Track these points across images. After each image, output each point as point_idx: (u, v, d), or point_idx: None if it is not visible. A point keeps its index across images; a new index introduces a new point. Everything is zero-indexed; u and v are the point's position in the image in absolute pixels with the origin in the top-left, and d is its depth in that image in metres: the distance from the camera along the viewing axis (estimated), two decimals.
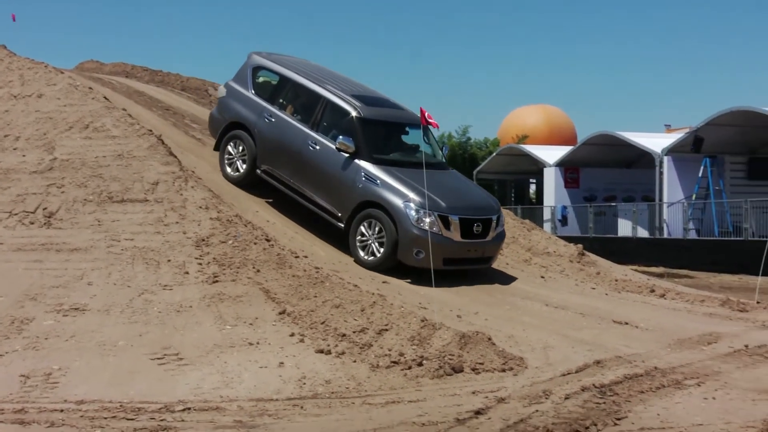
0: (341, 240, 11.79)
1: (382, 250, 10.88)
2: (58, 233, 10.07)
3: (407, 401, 6.59)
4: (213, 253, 9.84)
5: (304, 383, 6.96)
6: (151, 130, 13.05)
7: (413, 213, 10.63)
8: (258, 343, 7.76)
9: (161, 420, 5.93)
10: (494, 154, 41.31)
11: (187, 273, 9.34)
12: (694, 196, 27.50)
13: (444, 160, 12.68)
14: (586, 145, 34.02)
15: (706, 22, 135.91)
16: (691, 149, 26.91)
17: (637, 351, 8.37)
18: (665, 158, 28.26)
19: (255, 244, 10.15)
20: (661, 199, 28.72)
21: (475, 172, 39.77)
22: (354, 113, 11.57)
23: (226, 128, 12.95)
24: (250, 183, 12.77)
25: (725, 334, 9.35)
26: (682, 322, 10.10)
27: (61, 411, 6.05)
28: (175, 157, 12.36)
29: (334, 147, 11.43)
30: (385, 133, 12.08)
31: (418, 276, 10.71)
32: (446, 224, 10.75)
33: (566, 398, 6.59)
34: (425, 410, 6.31)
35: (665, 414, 6.24)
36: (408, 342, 7.82)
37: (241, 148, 12.72)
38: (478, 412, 6.23)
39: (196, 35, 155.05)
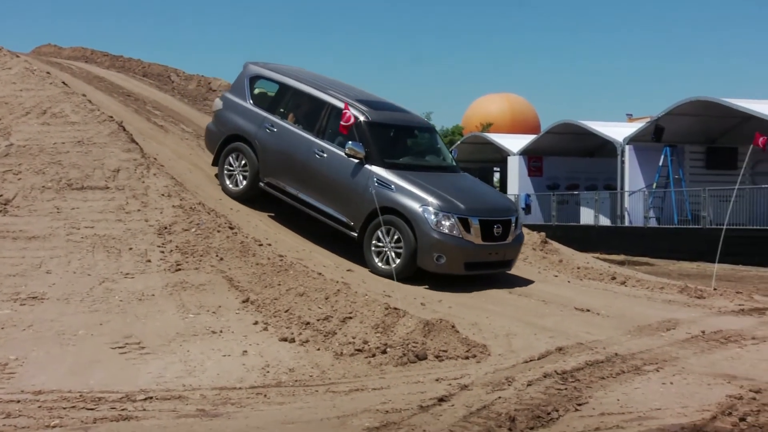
0: (307, 229, 11.76)
1: (400, 257, 10.39)
2: (15, 221, 9.89)
3: (371, 389, 6.60)
4: (176, 241, 9.75)
5: (268, 371, 6.94)
6: (111, 117, 12.86)
7: (432, 217, 10.18)
8: (221, 332, 7.71)
9: (122, 410, 5.87)
10: (458, 142, 41.45)
11: (149, 261, 9.23)
12: (654, 185, 27.87)
13: (455, 163, 12.30)
14: (550, 134, 34.28)
15: (667, 13, 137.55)
16: (652, 138, 27.24)
17: (598, 338, 8.48)
18: (627, 147, 28.59)
19: (218, 231, 10.07)
20: (622, 188, 29.07)
21: None
22: (362, 117, 11.07)
23: (225, 141, 12.36)
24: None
25: (683, 320, 9.51)
26: (642, 309, 10.25)
27: (18, 402, 5.95)
28: (137, 143, 12.20)
29: (342, 153, 10.94)
30: (394, 136, 11.69)
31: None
32: (466, 227, 10.31)
33: (529, 385, 6.66)
34: (389, 398, 6.33)
35: (625, 399, 6.33)
36: (372, 330, 7.83)
37: (242, 161, 12.15)
38: (441, 399, 6.26)
39: (159, 20, 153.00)
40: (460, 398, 6.32)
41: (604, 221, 29.80)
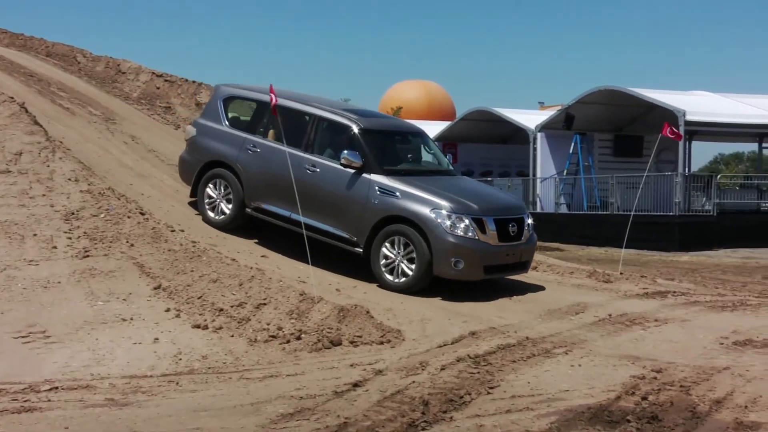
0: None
1: (413, 268, 9.70)
2: None
3: (285, 375, 6.58)
4: (83, 227, 9.45)
5: (180, 359, 6.82)
6: (12, 97, 12.35)
7: (445, 220, 9.54)
8: (132, 319, 7.53)
9: (25, 401, 5.67)
10: None
11: (55, 248, 8.93)
12: (565, 172, 28.54)
13: (451, 167, 11.83)
14: (464, 121, 34.68)
15: (580, 4, 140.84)
16: (563, 126, 27.87)
17: (510, 322, 8.66)
18: (539, 134, 29.17)
19: (129, 217, 9.82)
20: (534, 175, 29.66)
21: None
22: (354, 126, 10.44)
23: (203, 169, 11.43)
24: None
25: (591, 304, 9.81)
26: (553, 293, 10.52)
27: None
28: (41, 126, 11.76)
29: (336, 165, 10.28)
30: (388, 143, 11.12)
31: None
32: (481, 228, 9.68)
33: (442, 369, 6.75)
34: (303, 384, 6.32)
35: (535, 382, 6.49)
36: (286, 316, 7.79)
37: (223, 188, 11.24)
38: (355, 385, 6.28)
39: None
40: (375, 383, 6.35)
41: None
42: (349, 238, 10.20)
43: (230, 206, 11.16)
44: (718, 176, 27.51)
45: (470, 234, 9.60)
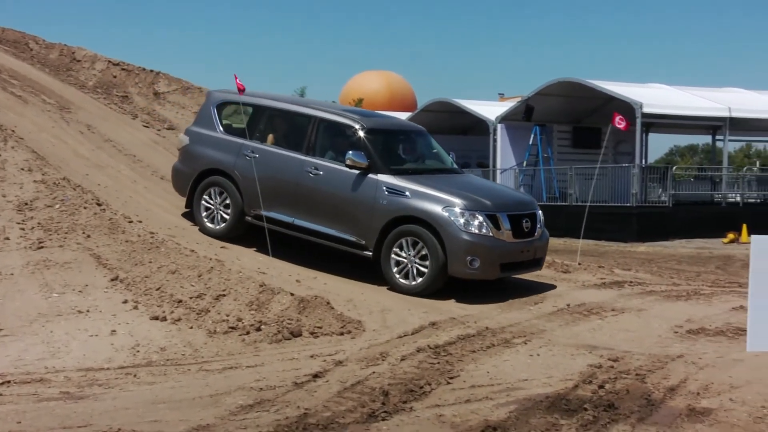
0: (180, 206, 11.44)
1: (426, 269, 9.36)
2: None
3: (245, 366, 6.54)
4: (37, 217, 9.28)
5: (138, 351, 6.75)
6: None
7: (459, 218, 9.23)
8: (88, 311, 7.43)
9: None
10: None
11: (7, 239, 8.76)
12: (524, 163, 28.74)
13: (455, 165, 11.49)
14: (425, 112, 34.69)
15: None
16: (523, 117, 28.04)
17: (470, 312, 8.71)
18: (499, 126, 29.32)
19: (85, 208, 9.67)
20: (494, 165, 29.81)
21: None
22: (357, 126, 10.16)
23: (198, 178, 10.97)
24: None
25: (550, 294, 9.91)
26: (512, 283, 10.59)
27: None
28: None
29: (340, 167, 9.94)
30: (392, 142, 10.91)
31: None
32: (496, 224, 9.38)
33: (402, 359, 6.77)
34: (263, 375, 6.29)
35: (494, 371, 6.54)
36: (246, 307, 7.74)
37: (221, 196, 10.80)
38: (316, 376, 6.28)
39: None
40: (335, 374, 6.35)
41: None
42: (356, 242, 9.86)
43: (228, 215, 10.72)
44: (674, 168, 27.93)
45: (485, 231, 9.30)
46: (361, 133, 10.09)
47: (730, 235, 21.19)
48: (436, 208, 9.36)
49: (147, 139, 14.03)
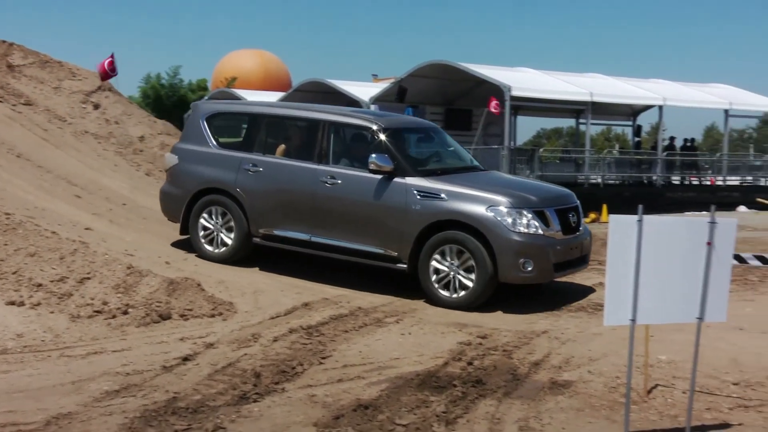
0: (49, 190, 10.87)
1: (473, 278, 8.41)
2: None
3: (111, 351, 6.34)
4: None
5: None
6: None
7: (506, 217, 8.32)
8: None
9: None
10: (205, 98, 40.39)
11: None
12: None
13: (476, 162, 10.58)
14: (299, 92, 34.41)
15: None
16: (396, 98, 28.31)
17: (342, 293, 8.75)
18: (372, 106, 29.44)
19: None
20: None
21: (185, 116, 38.59)
22: (375, 126, 9.23)
23: (193, 199, 9.95)
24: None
25: None
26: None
27: None
28: None
29: (360, 174, 9.04)
30: (413, 142, 10.17)
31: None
32: (544, 221, 8.52)
33: (275, 341, 6.73)
34: (130, 359, 6.11)
35: (367, 351, 6.61)
36: (112, 290, 7.48)
37: (221, 216, 9.80)
38: (185, 359, 6.16)
39: None
40: (205, 357, 6.25)
41: None
42: (387, 255, 8.91)
43: (232, 236, 9.75)
44: (541, 150, 29.00)
45: (534, 230, 8.43)
46: (381, 135, 9.17)
47: (592, 215, 22.20)
48: (479, 209, 8.46)
49: (1, 115, 13.22)
